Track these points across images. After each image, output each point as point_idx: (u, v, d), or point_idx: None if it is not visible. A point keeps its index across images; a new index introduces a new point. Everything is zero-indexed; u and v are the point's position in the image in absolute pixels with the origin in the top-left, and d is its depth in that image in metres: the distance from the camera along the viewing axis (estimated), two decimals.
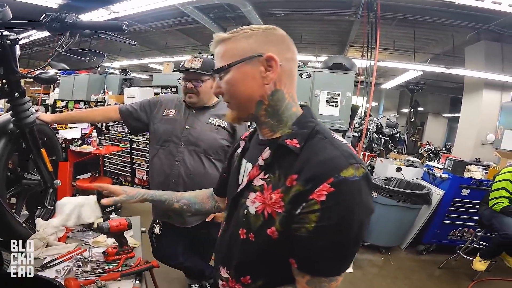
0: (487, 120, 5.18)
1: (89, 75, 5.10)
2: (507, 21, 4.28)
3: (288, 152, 0.60)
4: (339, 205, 0.52)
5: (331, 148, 0.57)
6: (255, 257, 0.65)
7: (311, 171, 0.55)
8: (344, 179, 0.52)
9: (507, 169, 2.49)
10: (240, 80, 0.64)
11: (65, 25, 0.87)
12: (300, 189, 0.55)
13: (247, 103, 0.66)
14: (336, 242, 0.54)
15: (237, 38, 0.64)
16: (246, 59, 0.63)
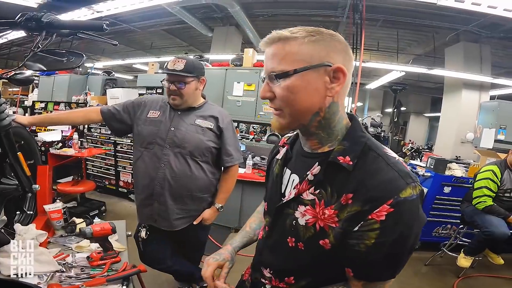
0: (467, 119, 5.37)
1: (70, 76, 4.94)
2: (485, 22, 4.46)
3: (340, 169, 0.59)
4: (398, 223, 0.54)
5: (387, 168, 0.57)
6: (302, 263, 0.67)
7: (369, 192, 0.55)
8: (403, 200, 0.53)
9: (487, 167, 2.57)
10: (303, 89, 0.59)
11: (41, 24, 0.84)
12: (358, 209, 0.56)
13: (303, 114, 0.62)
14: (394, 254, 0.57)
15: (303, 40, 0.58)
16: (314, 67, 0.58)
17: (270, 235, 0.76)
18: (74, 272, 1.11)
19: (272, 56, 0.61)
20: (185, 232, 1.59)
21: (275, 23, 6.18)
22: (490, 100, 5.39)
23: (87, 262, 1.19)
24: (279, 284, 0.73)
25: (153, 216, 1.53)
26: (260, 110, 3.48)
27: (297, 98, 0.60)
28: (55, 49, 0.95)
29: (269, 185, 0.81)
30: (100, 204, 3.48)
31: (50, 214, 1.45)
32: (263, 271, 0.77)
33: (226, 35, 6.42)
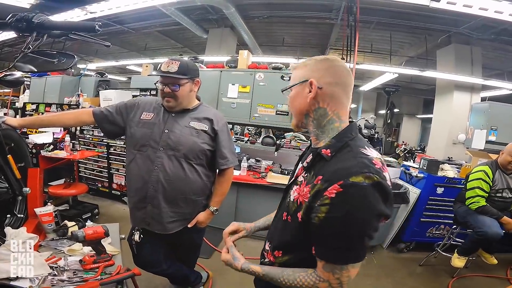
0: (458, 120, 5.45)
1: (62, 77, 4.87)
2: (476, 24, 4.54)
3: (322, 159, 0.77)
4: (345, 203, 0.66)
5: (351, 159, 0.71)
6: (288, 235, 0.83)
7: (330, 174, 0.70)
8: (351, 183, 0.65)
9: (478, 168, 2.59)
10: (294, 97, 0.86)
11: (31, 25, 0.82)
12: (320, 187, 0.70)
13: (299, 114, 0.86)
14: (340, 232, 0.68)
15: (300, 67, 0.86)
16: (298, 83, 0.84)
17: (277, 212, 0.95)
18: (66, 275, 1.09)
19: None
20: (180, 235, 1.57)
21: (270, 25, 6.21)
22: (481, 101, 5.47)
23: (79, 265, 1.18)
24: (270, 257, 0.90)
25: (146, 220, 1.51)
26: (255, 112, 3.48)
27: (293, 103, 0.87)
28: (46, 50, 0.94)
29: None
30: (93, 207, 3.44)
31: (41, 217, 1.44)
32: (266, 244, 0.94)
33: (221, 37, 6.42)
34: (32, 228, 1.40)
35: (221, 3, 4.65)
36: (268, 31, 6.67)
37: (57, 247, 1.31)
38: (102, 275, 1.12)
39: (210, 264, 2.53)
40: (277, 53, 7.27)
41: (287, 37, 6.85)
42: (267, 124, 3.55)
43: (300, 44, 7.10)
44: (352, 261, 0.70)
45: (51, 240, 1.38)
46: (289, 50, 7.28)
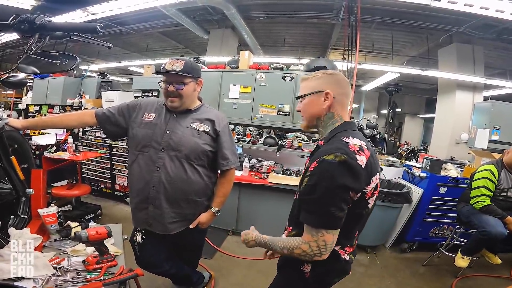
0: (461, 120, 5.42)
1: (65, 78, 4.89)
2: (478, 23, 4.52)
3: (317, 148, 1.04)
4: (317, 174, 0.88)
5: (331, 144, 0.93)
6: (294, 211, 1.04)
7: (317, 155, 0.91)
8: (323, 159, 0.87)
9: (484, 167, 2.57)
10: (309, 104, 1.05)
11: (34, 27, 0.83)
12: (307, 166, 0.95)
13: (312, 118, 1.06)
14: (312, 198, 0.88)
15: (312, 79, 1.05)
16: (315, 92, 1.03)
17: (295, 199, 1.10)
18: (70, 276, 1.10)
19: (300, 88, 1.09)
20: (182, 235, 1.58)
21: (271, 25, 6.21)
22: (484, 100, 5.44)
23: (83, 266, 1.18)
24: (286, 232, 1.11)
25: (148, 220, 1.51)
26: (257, 112, 3.48)
27: (308, 109, 1.06)
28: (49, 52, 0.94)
29: None
30: (96, 208, 3.45)
31: (44, 218, 1.44)
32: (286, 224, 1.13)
33: (222, 38, 6.43)
34: (36, 229, 1.40)
35: (222, 4, 4.65)
36: (269, 32, 6.66)
37: (61, 248, 1.32)
38: (105, 276, 1.13)
39: (212, 265, 2.53)
40: (278, 53, 7.27)
41: (288, 37, 6.85)
42: (268, 124, 3.55)
43: (301, 44, 7.10)
44: (323, 226, 0.87)
45: (55, 241, 1.39)
46: (290, 50, 7.28)
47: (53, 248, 1.32)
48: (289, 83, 3.34)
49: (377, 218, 3.03)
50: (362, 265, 2.90)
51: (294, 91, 3.31)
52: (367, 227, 3.48)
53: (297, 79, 3.33)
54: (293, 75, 3.34)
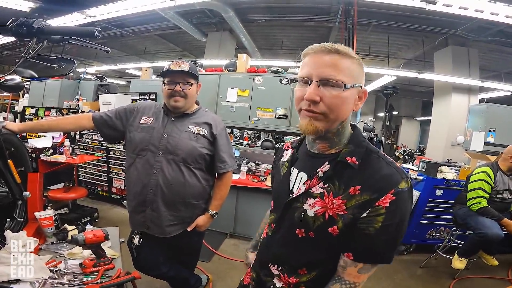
0: (457, 122, 5.47)
1: (62, 81, 4.88)
2: (473, 26, 4.57)
3: (347, 167, 0.71)
4: (398, 209, 0.66)
5: (387, 166, 0.70)
6: (313, 251, 0.77)
7: (376, 184, 0.67)
8: (401, 190, 0.67)
9: (480, 169, 2.60)
10: (347, 101, 0.70)
11: (32, 30, 0.83)
12: (367, 198, 0.67)
13: (337, 120, 0.72)
14: (395, 236, 0.69)
15: (356, 62, 0.70)
16: (357, 86, 0.71)
17: (277, 230, 0.84)
18: (66, 279, 1.09)
19: (331, 65, 0.68)
20: (179, 238, 1.58)
21: (268, 28, 6.24)
22: (479, 103, 5.50)
23: (80, 269, 1.18)
24: (288, 279, 0.81)
25: (146, 223, 1.51)
26: (254, 116, 3.49)
27: (342, 107, 0.70)
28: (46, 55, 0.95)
29: (276, 184, 0.90)
30: (92, 211, 3.43)
31: (41, 221, 1.43)
32: (271, 268, 0.84)
33: (220, 41, 6.45)
34: (32, 232, 1.39)
35: (220, 7, 4.67)
36: (267, 35, 6.70)
37: (57, 251, 1.31)
38: (102, 279, 1.12)
39: (209, 268, 2.53)
40: (275, 56, 7.30)
41: (285, 40, 6.89)
42: (266, 127, 3.56)
43: (299, 47, 7.10)
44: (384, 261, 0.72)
45: (51, 244, 1.38)
46: (287, 53, 7.31)
47: (49, 251, 1.32)
48: (286, 86, 3.36)
49: None
50: None
51: (291, 94, 3.32)
52: None
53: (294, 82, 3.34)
54: (290, 78, 3.36)
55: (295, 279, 0.80)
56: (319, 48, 0.70)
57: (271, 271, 0.84)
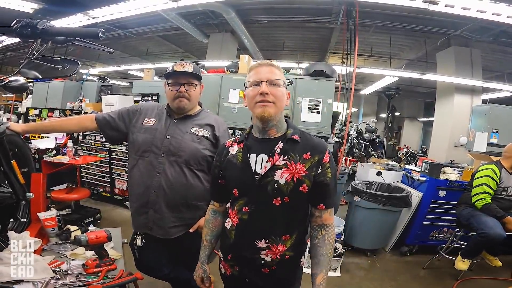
0: (459, 123, 5.44)
1: (65, 82, 4.91)
2: (475, 26, 4.56)
3: (294, 142, 1.01)
4: (333, 162, 1.03)
5: (315, 138, 1.06)
6: (290, 215, 1.00)
7: (317, 149, 1.01)
8: (329, 150, 1.03)
9: (486, 166, 2.59)
10: (283, 94, 1.02)
11: (36, 31, 0.84)
12: (316, 158, 0.99)
13: (280, 108, 1.02)
14: (336, 183, 1.05)
15: (281, 71, 1.06)
16: (285, 86, 1.05)
17: (254, 210, 1.00)
18: (69, 279, 1.10)
19: (271, 72, 1.02)
20: (181, 239, 1.57)
21: (270, 30, 6.25)
22: (482, 104, 5.47)
23: (82, 269, 1.18)
24: (277, 247, 0.99)
25: (148, 224, 1.51)
26: None
27: (282, 98, 1.02)
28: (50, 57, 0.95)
29: (236, 173, 1.05)
30: (95, 212, 3.44)
31: (44, 222, 1.44)
32: (258, 244, 0.99)
33: (221, 42, 6.47)
34: (35, 232, 1.40)
35: (222, 8, 4.68)
36: (268, 36, 6.71)
37: (60, 251, 1.32)
38: (104, 279, 1.13)
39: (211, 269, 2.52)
40: (277, 57, 7.31)
41: (287, 41, 6.89)
42: None
43: (300, 48, 7.14)
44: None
45: (54, 244, 1.39)
46: (289, 54, 7.32)
47: (52, 251, 1.32)
48: (288, 87, 3.34)
49: (377, 222, 3.03)
50: (363, 268, 2.89)
51: (293, 95, 3.32)
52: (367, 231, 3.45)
53: (296, 83, 3.35)
54: (292, 79, 3.35)
55: (282, 246, 0.99)
56: (260, 63, 1.03)
57: (258, 246, 0.99)
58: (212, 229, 1.23)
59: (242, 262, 1.05)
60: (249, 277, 1.05)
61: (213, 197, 1.25)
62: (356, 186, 3.15)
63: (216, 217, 1.23)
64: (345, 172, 4.43)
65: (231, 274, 1.11)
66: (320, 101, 3.25)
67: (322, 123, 3.25)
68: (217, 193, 1.21)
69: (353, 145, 6.39)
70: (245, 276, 1.06)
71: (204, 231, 1.24)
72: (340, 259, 2.72)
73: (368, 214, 3.00)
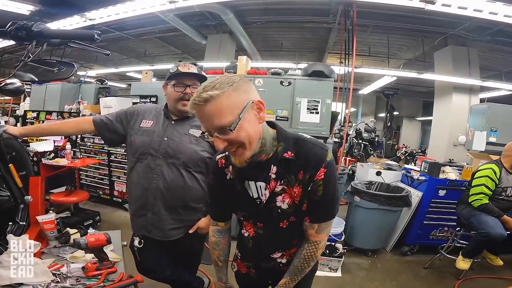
0: (458, 122, 5.45)
1: (62, 84, 4.88)
2: (472, 26, 4.57)
3: (288, 161, 0.86)
4: (332, 176, 0.87)
5: (312, 147, 0.86)
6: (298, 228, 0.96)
7: (310, 164, 0.85)
8: (328, 162, 0.86)
9: (486, 166, 2.59)
10: (249, 125, 0.77)
11: (31, 33, 0.83)
12: (307, 177, 0.85)
13: (253, 142, 0.80)
14: (332, 197, 0.90)
15: (227, 93, 0.72)
16: (247, 107, 0.76)
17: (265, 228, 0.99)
18: (69, 282, 1.09)
19: (211, 116, 0.73)
20: (181, 241, 1.56)
21: (268, 30, 6.25)
22: (480, 103, 5.48)
23: (82, 272, 1.18)
24: (291, 251, 1.01)
25: (147, 227, 1.50)
26: None
27: (249, 133, 0.77)
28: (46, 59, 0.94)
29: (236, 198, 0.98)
30: (95, 214, 3.43)
31: (43, 225, 1.43)
32: (274, 255, 1.02)
33: (219, 43, 6.46)
34: (34, 235, 1.39)
35: (219, 9, 4.68)
36: (267, 36, 6.70)
37: (60, 254, 1.31)
38: (104, 282, 1.12)
39: (211, 270, 2.50)
40: (275, 58, 7.30)
41: (285, 42, 6.89)
42: None
43: (299, 48, 7.14)
44: (336, 213, 0.93)
45: (54, 248, 1.38)
46: (287, 55, 7.32)
47: (52, 254, 1.32)
48: (287, 88, 3.35)
49: (377, 222, 3.02)
50: (363, 268, 2.89)
51: (292, 96, 3.32)
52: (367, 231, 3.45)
53: (295, 84, 3.34)
54: (291, 80, 3.35)
55: (294, 248, 1.00)
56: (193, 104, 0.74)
57: (273, 257, 1.02)
58: (223, 249, 1.20)
59: (259, 269, 1.09)
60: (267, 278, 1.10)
61: (216, 218, 1.15)
62: (356, 186, 3.14)
63: (223, 236, 1.18)
64: (344, 172, 4.43)
65: (246, 274, 1.15)
66: (318, 101, 3.24)
67: (321, 124, 3.25)
68: (220, 213, 1.13)
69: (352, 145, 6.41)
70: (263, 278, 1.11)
71: (215, 253, 1.21)
72: (341, 259, 2.71)
73: (368, 214, 3.00)
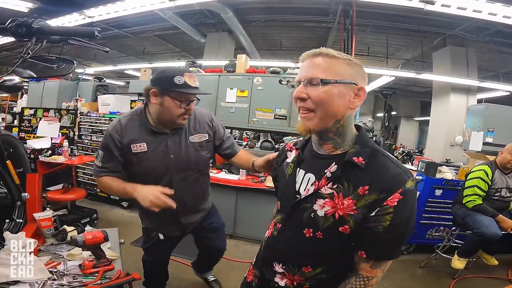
0: (455, 122, 5.48)
1: (60, 82, 4.87)
2: (471, 26, 4.59)
3: (354, 167, 0.73)
4: (406, 207, 0.69)
5: (393, 166, 0.72)
6: (320, 250, 0.79)
7: (383, 184, 0.69)
8: (408, 189, 0.69)
9: (479, 167, 2.61)
10: (335, 96, 0.71)
11: (31, 30, 0.83)
12: (375, 198, 0.69)
13: (329, 118, 0.73)
14: (403, 233, 0.72)
15: (344, 61, 0.72)
16: (347, 82, 0.72)
17: (283, 230, 0.85)
18: (66, 280, 1.09)
19: (315, 66, 0.73)
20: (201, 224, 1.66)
21: (267, 29, 6.25)
22: (478, 103, 5.51)
23: (79, 270, 1.18)
24: (293, 276, 0.83)
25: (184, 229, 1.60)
26: (253, 116, 3.48)
27: (329, 102, 0.71)
28: (45, 56, 0.94)
29: (282, 186, 0.91)
30: (92, 212, 3.42)
31: (40, 222, 1.43)
32: (275, 267, 0.86)
33: (219, 41, 6.45)
34: (31, 233, 1.39)
35: (219, 8, 4.68)
36: (266, 35, 6.70)
37: (57, 252, 1.31)
38: (101, 280, 1.13)
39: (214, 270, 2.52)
40: (275, 57, 7.30)
41: (284, 41, 6.89)
42: (265, 128, 3.56)
43: (298, 47, 7.14)
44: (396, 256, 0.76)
45: (51, 245, 1.38)
46: (286, 54, 7.32)
47: (49, 252, 1.32)
48: (285, 86, 3.36)
49: None
50: None
51: (290, 95, 3.32)
52: None
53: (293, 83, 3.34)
54: (290, 78, 3.36)
55: (299, 277, 0.82)
56: (307, 54, 0.75)
57: (274, 269, 0.86)
58: None
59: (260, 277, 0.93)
60: None
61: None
62: None
63: None
64: None
65: (250, 282, 0.98)
66: None
67: None
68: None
69: None
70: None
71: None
72: None
73: None
